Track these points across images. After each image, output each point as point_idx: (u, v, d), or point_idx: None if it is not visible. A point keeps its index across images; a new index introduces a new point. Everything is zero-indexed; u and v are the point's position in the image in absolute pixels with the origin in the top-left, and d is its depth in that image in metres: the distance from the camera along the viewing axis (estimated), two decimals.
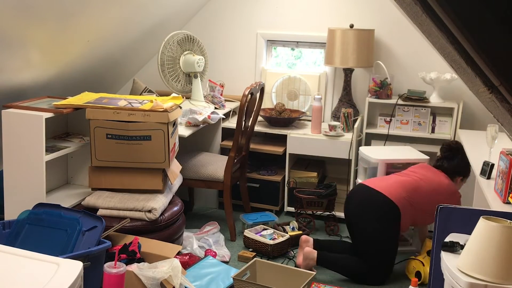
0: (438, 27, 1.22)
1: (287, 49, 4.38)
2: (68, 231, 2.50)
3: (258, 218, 3.68)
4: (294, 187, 3.87)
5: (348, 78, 3.96)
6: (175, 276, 2.51)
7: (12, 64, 2.93)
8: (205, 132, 3.97)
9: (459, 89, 3.74)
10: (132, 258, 2.63)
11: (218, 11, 4.29)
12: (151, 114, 2.89)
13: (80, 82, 3.67)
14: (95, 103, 2.98)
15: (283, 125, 4.00)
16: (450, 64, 1.41)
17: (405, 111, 3.79)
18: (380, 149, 3.68)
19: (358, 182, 3.46)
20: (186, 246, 3.26)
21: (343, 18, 3.98)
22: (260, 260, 2.98)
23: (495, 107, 1.39)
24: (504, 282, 1.77)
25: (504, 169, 2.38)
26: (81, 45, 3.31)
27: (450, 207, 2.28)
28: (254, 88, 3.46)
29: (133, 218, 2.89)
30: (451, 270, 1.89)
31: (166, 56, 3.71)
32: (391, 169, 3.43)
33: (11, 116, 2.80)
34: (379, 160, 3.43)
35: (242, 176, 3.83)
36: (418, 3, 1.19)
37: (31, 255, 1.75)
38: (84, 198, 3.00)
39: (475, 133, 3.53)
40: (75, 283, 1.61)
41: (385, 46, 3.99)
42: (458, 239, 2.06)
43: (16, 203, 2.81)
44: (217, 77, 4.21)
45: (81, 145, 3.12)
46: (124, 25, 3.52)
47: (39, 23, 2.77)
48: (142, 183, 3.00)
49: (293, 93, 4.19)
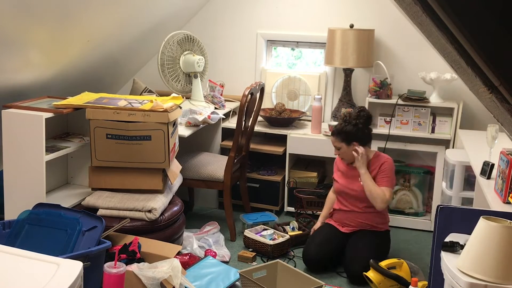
0: (438, 27, 1.22)
1: (287, 49, 4.38)
2: (68, 231, 2.50)
3: (258, 218, 3.68)
4: (294, 187, 3.87)
5: (348, 78, 3.96)
6: (175, 276, 2.51)
7: (12, 64, 2.93)
8: (205, 132, 3.97)
9: (459, 89, 3.74)
10: (132, 258, 2.63)
11: (218, 11, 4.29)
12: (151, 114, 2.89)
13: (80, 82, 3.67)
14: (95, 103, 2.98)
15: (283, 125, 4.00)
16: (450, 64, 1.41)
17: (405, 111, 3.79)
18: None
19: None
20: (186, 246, 3.26)
21: (343, 18, 3.98)
22: (282, 262, 2.94)
23: (495, 107, 1.40)
24: (504, 282, 1.77)
25: (504, 169, 2.38)
26: (81, 45, 3.31)
27: (450, 207, 2.28)
28: (254, 88, 3.46)
29: (133, 218, 2.89)
30: (451, 270, 1.89)
31: (166, 56, 3.71)
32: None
33: (11, 116, 2.80)
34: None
35: (242, 176, 3.83)
36: (418, 3, 1.20)
37: (31, 255, 1.75)
38: (84, 198, 3.00)
39: (475, 133, 3.53)
40: (75, 283, 1.61)
41: (385, 46, 3.99)
42: (458, 239, 2.06)
43: (16, 203, 2.81)
44: (217, 77, 4.21)
45: (81, 145, 3.12)
46: (124, 25, 3.52)
47: (39, 23, 2.77)
48: (142, 183, 3.00)
49: (293, 93, 4.19)
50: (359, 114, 3.21)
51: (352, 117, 3.20)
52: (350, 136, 3.17)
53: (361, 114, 3.22)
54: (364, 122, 3.20)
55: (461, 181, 3.38)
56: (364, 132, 3.21)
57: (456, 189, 3.38)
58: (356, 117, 3.20)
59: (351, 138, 3.17)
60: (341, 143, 3.20)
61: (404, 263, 3.01)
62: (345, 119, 3.23)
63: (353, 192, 3.20)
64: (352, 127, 3.17)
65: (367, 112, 3.27)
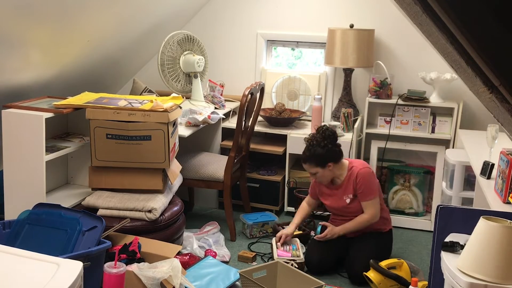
0: (438, 27, 1.22)
1: (287, 49, 4.38)
2: (68, 231, 2.50)
3: (258, 218, 3.68)
4: (294, 187, 3.87)
5: (348, 78, 3.96)
6: (175, 276, 2.51)
7: (12, 64, 2.93)
8: (205, 132, 3.97)
9: (459, 89, 3.74)
10: (132, 258, 2.63)
11: (218, 11, 4.29)
12: (151, 114, 2.89)
13: (80, 82, 3.67)
14: (95, 103, 2.98)
15: (283, 125, 4.00)
16: (450, 64, 1.41)
17: (405, 111, 3.79)
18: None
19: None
20: (186, 246, 3.26)
21: (343, 18, 3.98)
22: (282, 262, 2.93)
23: (495, 107, 1.39)
24: (504, 282, 1.77)
25: (504, 169, 2.38)
26: (81, 45, 3.31)
27: (450, 207, 2.28)
28: (254, 88, 3.46)
29: (133, 218, 2.89)
30: (451, 270, 1.89)
31: (166, 56, 3.71)
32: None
33: (11, 116, 2.80)
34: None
35: (242, 176, 3.83)
36: (418, 3, 1.20)
37: (31, 255, 1.75)
38: (84, 198, 3.00)
39: (475, 133, 3.53)
40: (75, 283, 1.61)
41: (385, 46, 3.99)
42: (458, 239, 2.06)
43: (16, 203, 2.81)
44: (217, 77, 4.21)
45: (81, 145, 3.12)
46: (124, 25, 3.52)
47: (39, 23, 2.77)
48: (142, 183, 3.00)
49: (293, 93, 4.19)
50: (324, 135, 3.11)
51: (319, 140, 3.09)
52: (323, 159, 3.08)
53: (326, 133, 3.11)
54: (331, 141, 3.11)
55: (461, 181, 3.38)
56: (334, 151, 3.12)
57: (456, 189, 3.38)
58: (322, 138, 3.10)
59: (325, 160, 3.08)
60: (316, 168, 3.11)
61: (404, 263, 3.01)
62: (311, 144, 3.11)
63: (345, 208, 3.18)
64: (321, 150, 3.07)
65: (330, 129, 3.17)
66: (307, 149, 3.14)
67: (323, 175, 3.13)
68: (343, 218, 3.21)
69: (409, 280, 2.86)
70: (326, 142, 3.09)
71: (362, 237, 3.17)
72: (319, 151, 3.08)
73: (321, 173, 3.12)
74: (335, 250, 3.18)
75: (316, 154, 3.08)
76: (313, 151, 3.09)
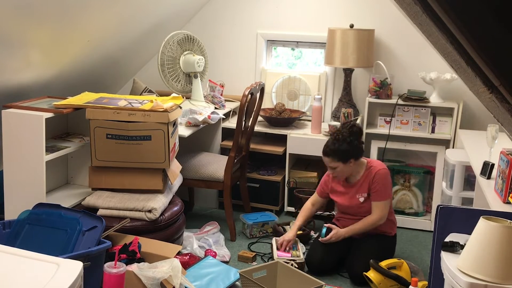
0: (438, 27, 1.22)
1: (287, 49, 4.38)
2: (68, 231, 2.50)
3: (258, 218, 3.68)
4: (294, 187, 3.87)
5: (348, 78, 3.96)
6: (175, 276, 2.51)
7: (12, 64, 2.93)
8: (205, 132, 3.97)
9: (459, 89, 3.74)
10: (132, 258, 2.63)
11: (218, 11, 4.29)
12: (151, 114, 2.89)
13: (80, 82, 3.67)
14: (95, 103, 2.98)
15: (283, 125, 4.00)
16: (450, 64, 1.41)
17: (405, 111, 3.79)
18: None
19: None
20: (186, 246, 3.26)
21: (343, 18, 3.98)
22: (282, 262, 2.93)
23: (495, 107, 1.40)
24: (504, 282, 1.77)
25: (504, 169, 2.38)
26: (81, 45, 3.31)
27: (450, 207, 2.28)
28: (254, 88, 3.46)
29: (133, 218, 2.89)
30: (451, 270, 1.89)
31: (166, 56, 3.71)
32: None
33: (11, 116, 2.80)
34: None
35: (242, 176, 3.83)
36: (418, 3, 1.20)
37: (31, 255, 1.75)
38: (84, 198, 3.00)
39: (475, 133, 3.53)
40: (75, 283, 1.61)
41: (385, 46, 3.99)
42: (458, 239, 2.06)
43: (16, 203, 2.81)
44: (217, 77, 4.21)
45: (81, 145, 3.12)
46: (124, 25, 3.52)
47: (40, 23, 2.77)
48: (142, 183, 3.00)
49: (293, 93, 4.20)
50: (351, 130, 3.11)
51: (345, 135, 3.09)
52: (346, 154, 3.07)
53: (353, 130, 3.12)
54: (357, 138, 3.12)
55: (461, 181, 3.38)
56: (359, 148, 3.13)
57: (456, 189, 3.38)
58: (349, 134, 3.09)
59: (348, 156, 3.08)
60: (337, 163, 3.09)
61: (404, 263, 3.01)
62: (337, 138, 3.10)
63: (357, 207, 3.17)
64: (347, 146, 3.07)
65: (358, 126, 3.19)
66: (332, 143, 3.11)
67: (342, 170, 3.12)
68: (351, 217, 3.21)
69: (409, 280, 2.86)
70: (352, 139, 3.09)
71: (365, 238, 3.17)
72: (344, 147, 3.07)
73: (341, 168, 3.11)
74: (337, 250, 3.17)
75: (341, 149, 3.07)
76: (338, 145, 3.08)
